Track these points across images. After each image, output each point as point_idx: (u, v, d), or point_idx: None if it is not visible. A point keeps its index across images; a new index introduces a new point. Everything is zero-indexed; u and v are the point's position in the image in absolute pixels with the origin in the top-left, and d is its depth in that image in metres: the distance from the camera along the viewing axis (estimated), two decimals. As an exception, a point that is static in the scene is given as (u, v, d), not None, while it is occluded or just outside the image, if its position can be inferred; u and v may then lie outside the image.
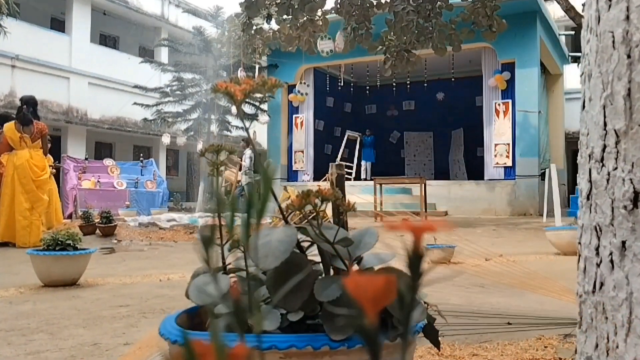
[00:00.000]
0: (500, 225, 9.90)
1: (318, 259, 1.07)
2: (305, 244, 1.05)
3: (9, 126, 6.82)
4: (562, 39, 17.37)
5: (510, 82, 14.18)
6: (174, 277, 4.20)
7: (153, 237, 7.68)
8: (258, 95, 0.92)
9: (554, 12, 18.11)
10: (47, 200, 7.13)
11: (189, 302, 1.13)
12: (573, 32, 17.76)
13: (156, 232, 8.00)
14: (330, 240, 0.93)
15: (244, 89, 0.90)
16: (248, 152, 12.39)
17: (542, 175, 13.94)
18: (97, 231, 8.07)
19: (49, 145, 7.33)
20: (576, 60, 17.25)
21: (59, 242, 3.75)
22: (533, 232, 8.45)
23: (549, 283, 3.85)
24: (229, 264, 1.11)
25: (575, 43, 19.42)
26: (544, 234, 7.70)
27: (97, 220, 8.16)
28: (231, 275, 1.07)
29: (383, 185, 12.26)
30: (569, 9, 9.34)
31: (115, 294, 3.52)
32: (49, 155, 7.46)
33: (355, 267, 0.96)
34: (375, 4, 10.69)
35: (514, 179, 13.83)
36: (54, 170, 9.57)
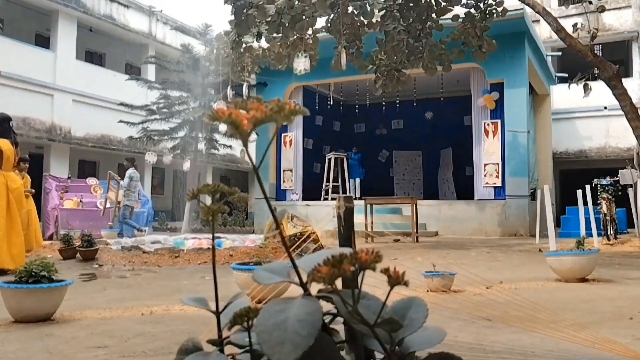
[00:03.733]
0: (494, 247, 9.70)
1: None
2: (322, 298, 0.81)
3: (8, 145, 6.47)
4: (549, 59, 17.44)
5: (499, 102, 14.13)
6: (157, 310, 3.90)
7: (136, 261, 7.35)
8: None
9: (541, 33, 18.22)
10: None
11: (172, 342, 0.91)
12: (560, 53, 17.84)
13: (139, 255, 7.68)
14: (369, 321, 0.69)
15: (252, 117, 0.68)
16: (129, 172, 11.85)
17: (532, 195, 13.84)
18: (78, 255, 7.73)
19: None
20: (563, 80, 17.31)
21: (33, 274, 3.46)
22: (528, 255, 8.27)
23: (557, 317, 3.63)
24: (227, 337, 0.87)
25: (561, 64, 19.53)
26: (539, 257, 7.52)
27: (77, 244, 7.83)
28: (230, 354, 0.83)
29: (373, 205, 12.06)
30: (559, 30, 9.27)
31: (92, 331, 3.23)
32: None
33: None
34: (366, 23, 10.60)
35: (504, 198, 13.71)
36: (33, 191, 9.24)
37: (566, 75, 16.90)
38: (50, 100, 17.33)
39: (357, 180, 17.22)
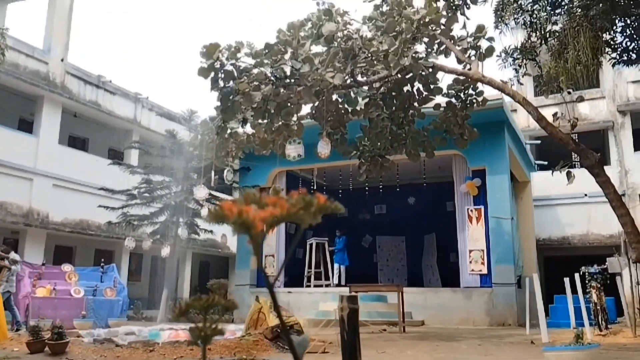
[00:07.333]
0: (484, 338, 9.35)
1: None
2: None
3: None
4: (528, 147, 17.85)
5: (482, 189, 14.22)
6: (128, 416, 3.53)
7: (108, 355, 6.86)
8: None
9: (519, 121, 18.76)
10: None
11: None
12: (539, 141, 18.30)
13: (112, 349, 7.18)
14: None
15: (270, 216, 0.51)
16: (14, 256, 11.52)
17: (518, 283, 13.61)
18: (47, 348, 7.22)
19: None
20: (543, 168, 17.64)
21: (-9, 376, 3.11)
22: (521, 347, 7.94)
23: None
24: None
25: (540, 151, 19.98)
26: (534, 350, 7.21)
27: (47, 336, 7.33)
28: None
29: (358, 292, 11.69)
30: (540, 119, 9.48)
31: None
32: None
33: None
34: (350, 110, 10.77)
35: (491, 286, 13.45)
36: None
37: (546, 162, 17.22)
38: (29, 184, 17.05)
39: (342, 267, 16.83)
